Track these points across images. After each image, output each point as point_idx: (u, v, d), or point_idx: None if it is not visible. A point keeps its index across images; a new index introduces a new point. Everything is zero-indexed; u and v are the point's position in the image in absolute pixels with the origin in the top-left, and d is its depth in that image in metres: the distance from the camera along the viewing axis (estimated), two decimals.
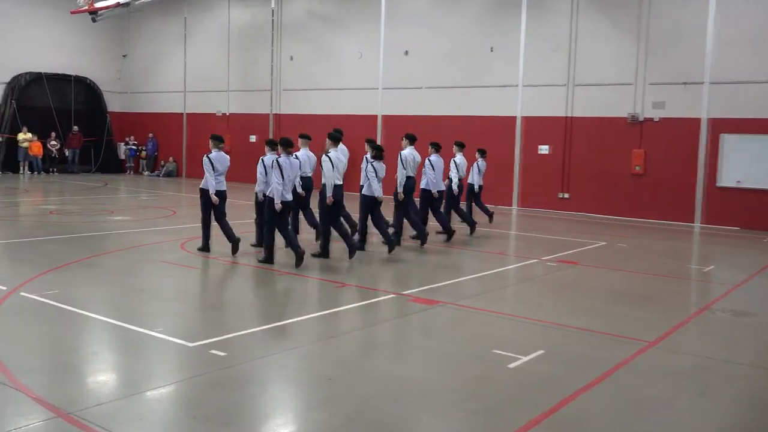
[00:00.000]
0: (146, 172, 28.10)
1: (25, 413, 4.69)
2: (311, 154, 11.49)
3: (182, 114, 27.40)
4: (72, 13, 25.98)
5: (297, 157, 10.40)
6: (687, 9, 17.13)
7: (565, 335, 6.99)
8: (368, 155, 11.35)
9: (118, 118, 28.90)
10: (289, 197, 9.94)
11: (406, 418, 4.84)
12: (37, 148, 25.53)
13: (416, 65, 21.26)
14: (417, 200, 12.78)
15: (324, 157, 10.57)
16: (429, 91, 21.07)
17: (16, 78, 25.83)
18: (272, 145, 10.92)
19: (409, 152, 12.31)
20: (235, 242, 10.54)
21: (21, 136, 25.13)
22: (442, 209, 13.06)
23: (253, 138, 25.23)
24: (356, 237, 11.54)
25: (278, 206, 9.73)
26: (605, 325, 7.38)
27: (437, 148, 12.97)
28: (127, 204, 18.37)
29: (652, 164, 17.79)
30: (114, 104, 28.80)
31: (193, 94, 27.01)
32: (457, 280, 9.58)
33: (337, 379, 5.53)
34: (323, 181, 10.49)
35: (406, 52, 21.50)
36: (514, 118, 19.73)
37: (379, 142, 21.12)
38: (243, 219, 13.42)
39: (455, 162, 13.92)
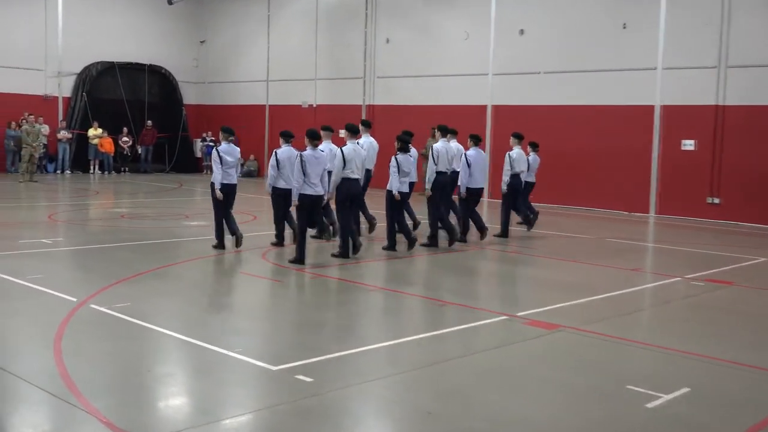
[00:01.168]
0: None
1: None
2: (334, 147, 12.07)
3: (264, 106, 28.20)
4: None
5: (322, 150, 11.22)
6: None
7: (715, 371, 6.74)
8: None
9: (194, 111, 30.05)
10: (320, 191, 10.88)
11: None
12: (108, 145, 26.76)
13: (533, 47, 21.01)
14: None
15: (336, 150, 11.49)
16: (548, 77, 20.78)
17: (87, 68, 27.27)
18: (286, 137, 11.72)
19: (441, 145, 12.90)
20: (237, 237, 11.64)
21: (91, 132, 26.49)
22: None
23: (342, 133, 25.57)
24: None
25: (295, 203, 10.82)
26: (766, 359, 7.06)
27: (477, 141, 13.66)
28: (204, 207, 19.01)
29: None
30: (189, 96, 29.99)
31: (276, 84, 27.76)
32: (581, 300, 9.37)
33: (439, 414, 5.52)
34: (333, 177, 11.27)
35: (521, 32, 21.28)
36: (651, 108, 19.17)
37: (487, 137, 21.03)
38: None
39: (510, 156, 14.09)
